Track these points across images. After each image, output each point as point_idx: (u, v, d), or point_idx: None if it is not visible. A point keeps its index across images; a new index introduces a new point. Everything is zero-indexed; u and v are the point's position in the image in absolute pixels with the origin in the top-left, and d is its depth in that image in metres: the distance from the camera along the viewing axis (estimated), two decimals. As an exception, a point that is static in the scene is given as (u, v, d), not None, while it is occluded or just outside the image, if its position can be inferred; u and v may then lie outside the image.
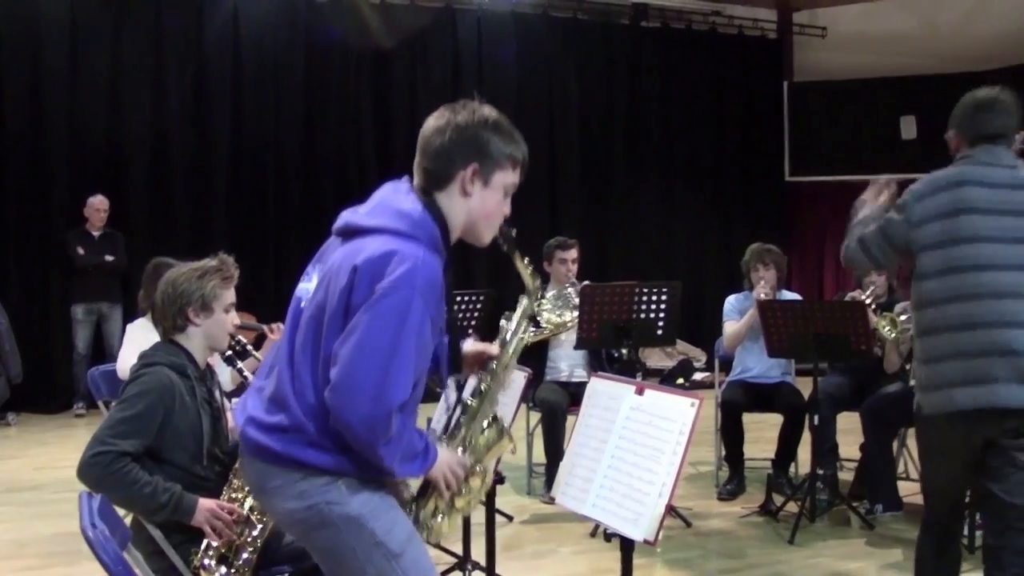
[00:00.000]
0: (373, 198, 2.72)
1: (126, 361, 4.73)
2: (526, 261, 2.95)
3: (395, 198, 2.66)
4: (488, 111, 2.71)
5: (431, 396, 2.96)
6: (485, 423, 2.90)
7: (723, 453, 6.92)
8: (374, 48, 10.88)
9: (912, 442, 6.76)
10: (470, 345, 2.99)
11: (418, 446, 2.63)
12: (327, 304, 2.56)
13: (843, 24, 12.81)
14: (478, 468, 2.87)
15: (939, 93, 11.52)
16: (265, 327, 5.27)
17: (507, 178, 2.73)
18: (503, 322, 3.00)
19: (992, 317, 3.58)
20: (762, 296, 6.56)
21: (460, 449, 2.85)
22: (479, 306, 6.45)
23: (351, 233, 2.65)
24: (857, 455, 6.64)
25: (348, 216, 2.70)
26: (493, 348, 2.97)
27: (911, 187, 3.79)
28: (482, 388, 2.90)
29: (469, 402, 2.89)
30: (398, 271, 2.47)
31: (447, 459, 2.76)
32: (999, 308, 3.58)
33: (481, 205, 2.70)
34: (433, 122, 2.70)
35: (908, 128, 11.85)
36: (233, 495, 3.48)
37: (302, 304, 2.68)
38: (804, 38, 13.04)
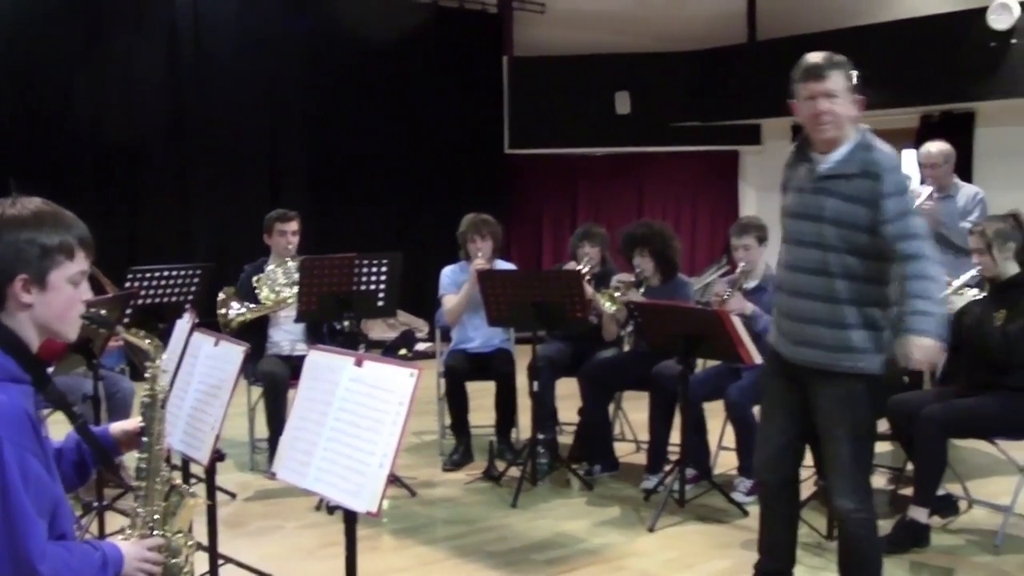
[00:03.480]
0: None
1: None
2: (137, 330, 2.83)
3: None
4: (14, 209, 2.36)
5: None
6: (163, 494, 2.77)
7: (448, 422, 7.01)
8: (87, 15, 10.27)
9: (628, 404, 7.08)
10: (116, 428, 2.87)
11: (94, 562, 2.42)
12: None
13: (561, 1, 13.10)
14: (176, 537, 2.76)
15: (651, 70, 12.11)
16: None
17: (68, 271, 2.41)
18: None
19: None
20: (479, 266, 6.65)
21: (148, 532, 2.71)
22: (195, 281, 6.28)
23: None
24: (576, 419, 6.85)
25: None
26: (132, 423, 2.84)
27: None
28: (143, 466, 2.76)
29: (138, 485, 2.74)
30: None
31: (134, 552, 2.57)
32: None
33: (48, 310, 2.40)
34: None
35: (622, 103, 12.21)
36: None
37: None
38: (524, 13, 13.21)
